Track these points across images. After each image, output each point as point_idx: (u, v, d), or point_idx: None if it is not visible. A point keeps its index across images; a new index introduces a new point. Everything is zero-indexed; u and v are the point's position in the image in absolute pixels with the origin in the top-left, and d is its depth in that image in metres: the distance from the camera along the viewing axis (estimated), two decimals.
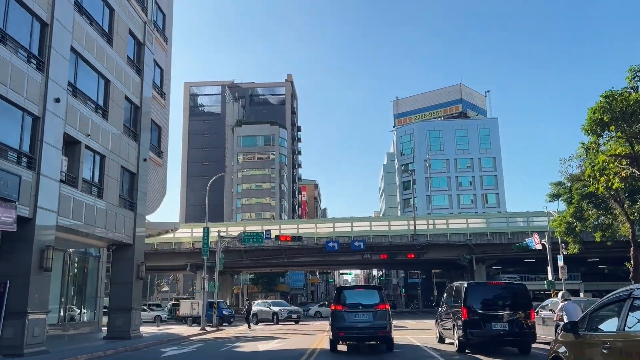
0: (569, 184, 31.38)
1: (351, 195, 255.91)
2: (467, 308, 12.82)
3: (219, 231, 31.80)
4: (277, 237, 34.01)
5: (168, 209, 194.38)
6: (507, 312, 12.80)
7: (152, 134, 25.02)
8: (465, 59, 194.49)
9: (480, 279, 52.07)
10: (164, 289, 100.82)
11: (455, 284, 15.03)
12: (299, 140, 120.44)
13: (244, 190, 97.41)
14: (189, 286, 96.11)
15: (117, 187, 20.78)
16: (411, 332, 21.84)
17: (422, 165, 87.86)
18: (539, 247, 36.30)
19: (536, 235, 36.46)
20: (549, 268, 36.09)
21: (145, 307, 50.74)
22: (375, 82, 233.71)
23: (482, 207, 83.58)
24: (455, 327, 13.40)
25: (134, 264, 21.74)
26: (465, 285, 13.44)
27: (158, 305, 66.59)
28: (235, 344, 18.36)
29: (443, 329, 15.54)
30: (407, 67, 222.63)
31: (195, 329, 28.37)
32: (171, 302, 70.37)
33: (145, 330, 28.55)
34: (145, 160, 23.10)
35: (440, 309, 16.31)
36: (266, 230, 32.72)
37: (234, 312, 41.33)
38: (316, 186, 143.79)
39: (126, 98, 21.88)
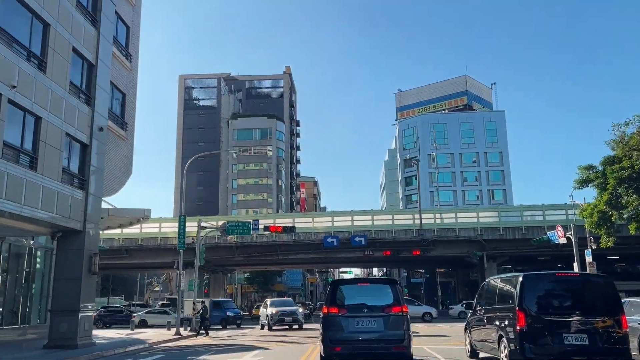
0: (601, 168, 27.22)
1: (351, 194, 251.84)
2: (525, 311, 8.64)
3: (199, 220, 27.60)
4: (266, 228, 29.74)
5: (162, 206, 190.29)
6: (585, 317, 8.62)
7: (113, 101, 20.92)
8: (470, 52, 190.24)
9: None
10: (155, 289, 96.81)
11: (501, 277, 10.79)
12: (298, 135, 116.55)
13: (239, 186, 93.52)
14: None
15: (61, 159, 16.66)
16: (426, 340, 17.65)
17: (426, 160, 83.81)
18: (562, 241, 32.17)
19: (560, 228, 32.30)
20: (575, 265, 31.95)
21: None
22: (377, 76, 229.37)
23: (488, 203, 79.71)
24: (505, 339, 9.15)
25: (84, 255, 17.60)
26: (521, 278, 9.12)
27: (144, 305, 62.83)
28: (200, 357, 14.22)
29: (477, 340, 11.30)
30: (410, 60, 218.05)
31: (170, 334, 24.32)
32: (160, 303, 66.58)
33: (113, 335, 24.54)
34: (101, 129, 18.98)
35: (471, 312, 12.06)
36: (254, 221, 28.50)
37: (241, 314, 37.15)
38: (315, 183, 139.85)
39: (75, 51, 17.75)
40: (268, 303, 30.32)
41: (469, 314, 12.17)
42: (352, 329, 9.44)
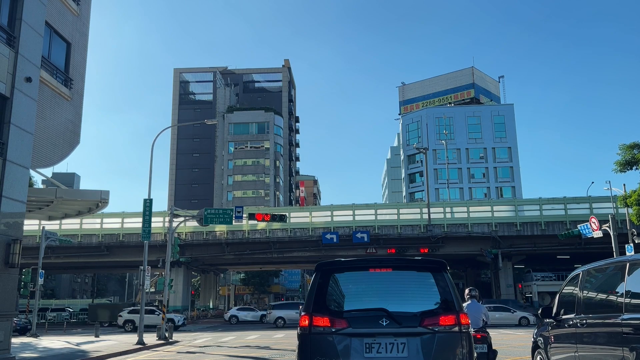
0: None
1: (352, 194, 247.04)
2: None
3: (171, 208, 23.27)
4: (251, 216, 25.32)
5: (156, 202, 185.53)
6: None
7: (51, 49, 16.59)
8: (476, 44, 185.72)
9: (507, 279, 43.66)
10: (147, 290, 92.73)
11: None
12: (297, 131, 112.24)
13: (235, 182, 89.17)
14: None
15: None
16: None
17: (431, 156, 79.47)
18: (597, 234, 27.81)
19: (595, 220, 27.92)
20: None
21: None
22: (380, 69, 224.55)
23: None
24: None
25: None
26: None
27: (134, 308, 58.63)
28: None
29: None
30: (414, 52, 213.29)
31: (132, 343, 20.02)
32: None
33: (57, 345, 20.20)
34: (29, 80, 14.64)
35: (549, 323, 7.42)
36: (236, 208, 24.15)
37: None
38: (315, 182, 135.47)
39: None
40: None
41: (543, 322, 7.67)
42: None
